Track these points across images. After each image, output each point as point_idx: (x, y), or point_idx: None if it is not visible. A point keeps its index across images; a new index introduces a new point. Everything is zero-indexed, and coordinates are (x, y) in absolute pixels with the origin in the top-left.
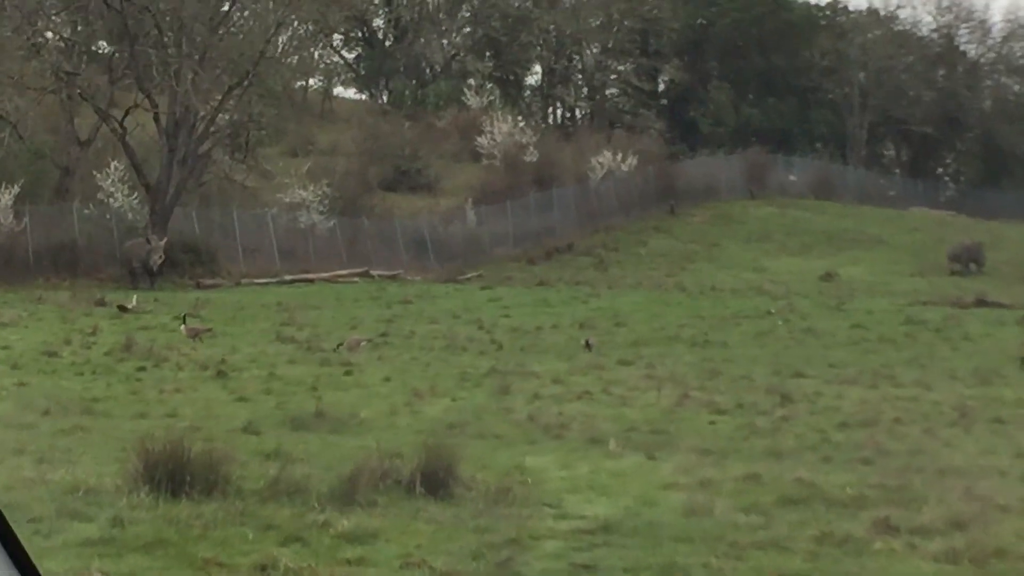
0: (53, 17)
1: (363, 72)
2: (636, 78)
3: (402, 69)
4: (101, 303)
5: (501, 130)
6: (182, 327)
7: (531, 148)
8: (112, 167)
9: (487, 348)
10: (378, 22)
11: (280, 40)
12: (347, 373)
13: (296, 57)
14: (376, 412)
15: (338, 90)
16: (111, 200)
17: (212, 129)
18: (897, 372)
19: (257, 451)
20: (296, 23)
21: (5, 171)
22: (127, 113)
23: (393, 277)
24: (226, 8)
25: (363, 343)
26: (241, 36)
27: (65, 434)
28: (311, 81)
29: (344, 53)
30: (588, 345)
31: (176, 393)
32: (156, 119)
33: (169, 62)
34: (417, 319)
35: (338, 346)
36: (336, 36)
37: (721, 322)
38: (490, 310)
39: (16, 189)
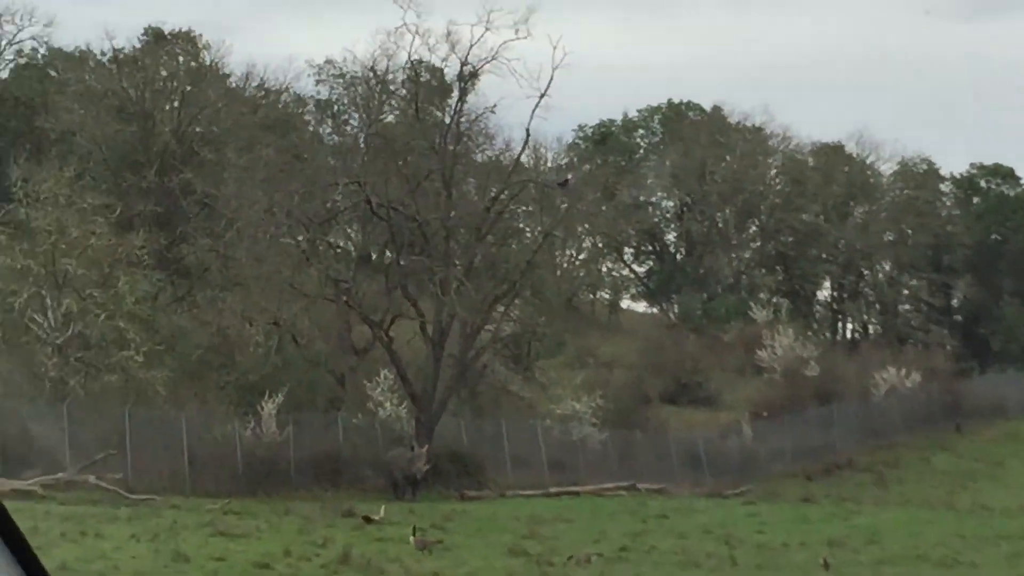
0: (323, 225)
1: (652, 286)
2: (928, 294)
3: (691, 283)
4: (349, 514)
5: (782, 344)
6: (411, 539)
7: (812, 362)
8: (382, 376)
9: (721, 565)
10: (669, 237)
11: (567, 252)
12: None
13: (583, 270)
14: None
15: (627, 303)
16: (380, 410)
17: (490, 340)
18: None
19: None
20: (584, 237)
21: (273, 379)
22: (392, 321)
23: (660, 491)
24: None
25: (593, 557)
26: (513, 246)
27: None
28: (599, 294)
29: (635, 267)
30: (826, 564)
31: None
32: (422, 328)
33: (434, 270)
34: (666, 534)
35: (568, 558)
36: (627, 250)
37: (979, 542)
38: (745, 526)
39: (280, 398)
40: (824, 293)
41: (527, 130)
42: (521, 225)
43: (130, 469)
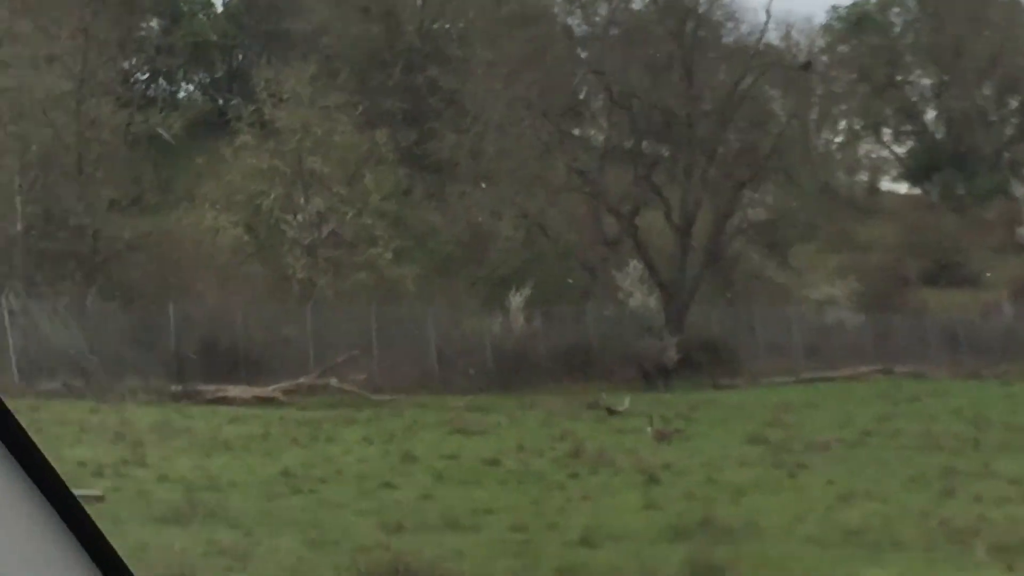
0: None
1: (913, 166)
2: None
3: (951, 162)
4: (595, 406)
5: None
6: (648, 429)
7: None
8: (631, 266)
9: (963, 447)
10: (929, 116)
11: (822, 135)
12: (791, 475)
13: (839, 153)
14: (783, 518)
15: (888, 185)
16: (630, 300)
17: (737, 226)
18: None
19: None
20: (840, 119)
21: (524, 273)
22: (636, 210)
23: (916, 374)
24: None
25: (833, 443)
26: (760, 131)
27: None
28: (857, 176)
29: (895, 148)
30: None
31: (583, 501)
32: (668, 216)
33: (678, 158)
34: (915, 417)
35: (807, 445)
36: (886, 130)
37: None
38: (999, 407)
39: (527, 291)
40: None
41: (767, 11)
42: (773, 108)
43: (376, 369)
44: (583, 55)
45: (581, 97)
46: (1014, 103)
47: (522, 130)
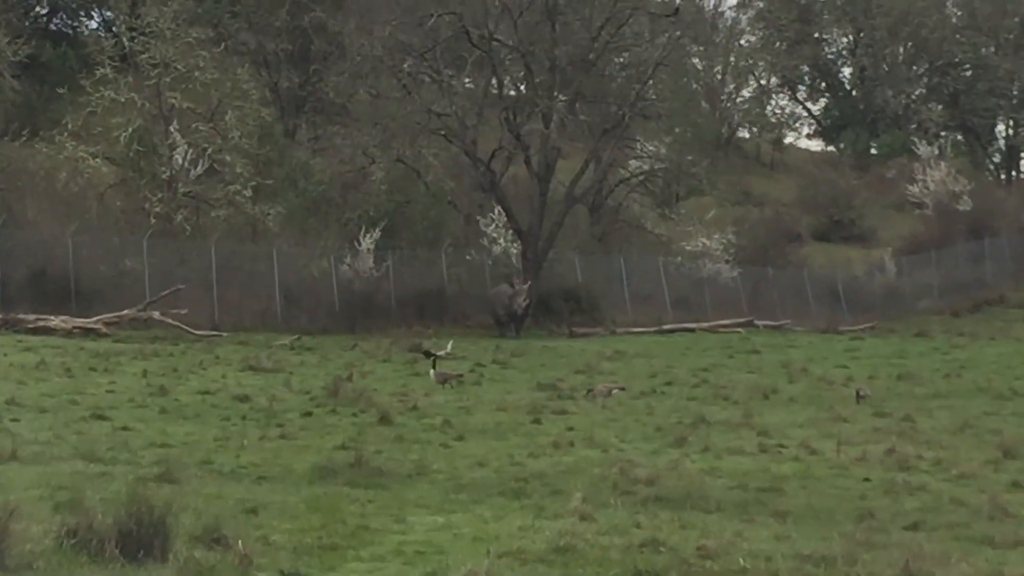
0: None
1: (826, 124)
2: None
3: (860, 120)
4: (416, 349)
5: (934, 178)
6: (431, 372)
7: (964, 197)
8: (496, 212)
9: (753, 399)
10: (846, 74)
11: (727, 89)
12: (536, 421)
13: (745, 107)
14: (458, 464)
15: (805, 143)
16: (494, 246)
17: (627, 176)
18: None
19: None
20: (749, 74)
21: (398, 217)
22: (492, 156)
23: (779, 328)
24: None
25: (614, 391)
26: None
27: None
28: (763, 132)
29: (809, 105)
30: (859, 396)
31: (279, 440)
32: (527, 162)
33: (537, 103)
34: (738, 369)
35: (587, 392)
36: (802, 88)
37: None
38: (832, 361)
39: (377, 233)
40: (1000, 128)
41: None
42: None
43: (216, 306)
44: None
45: (439, 38)
46: (923, 63)
47: (395, 73)
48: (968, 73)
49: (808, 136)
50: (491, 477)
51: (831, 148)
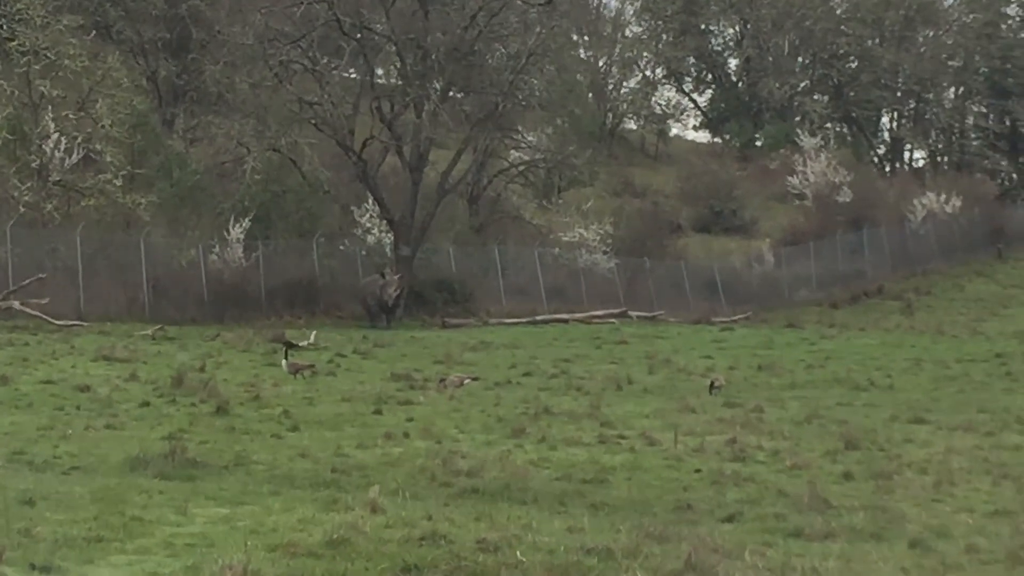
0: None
1: (712, 116)
2: (987, 121)
3: (745, 112)
4: (278, 339)
5: (814, 169)
6: (283, 363)
7: (844, 188)
8: (371, 202)
9: (606, 391)
10: (732, 65)
11: (610, 80)
12: (377, 412)
13: (630, 98)
14: (279, 456)
15: (692, 135)
16: (368, 237)
17: (505, 167)
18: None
19: None
20: (634, 65)
21: (272, 207)
22: (364, 145)
23: (652, 319)
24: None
25: (466, 381)
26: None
27: None
28: (648, 123)
29: (696, 96)
30: (712, 387)
31: (105, 430)
32: (399, 152)
33: (408, 92)
34: (600, 360)
35: (440, 381)
36: (688, 79)
37: (921, 365)
38: (698, 352)
39: (247, 223)
40: (885, 120)
41: None
42: (505, 45)
43: (82, 296)
44: None
45: (309, 26)
46: (808, 54)
47: (267, 62)
48: (853, 65)
49: (695, 128)
50: (309, 469)
51: (717, 139)
